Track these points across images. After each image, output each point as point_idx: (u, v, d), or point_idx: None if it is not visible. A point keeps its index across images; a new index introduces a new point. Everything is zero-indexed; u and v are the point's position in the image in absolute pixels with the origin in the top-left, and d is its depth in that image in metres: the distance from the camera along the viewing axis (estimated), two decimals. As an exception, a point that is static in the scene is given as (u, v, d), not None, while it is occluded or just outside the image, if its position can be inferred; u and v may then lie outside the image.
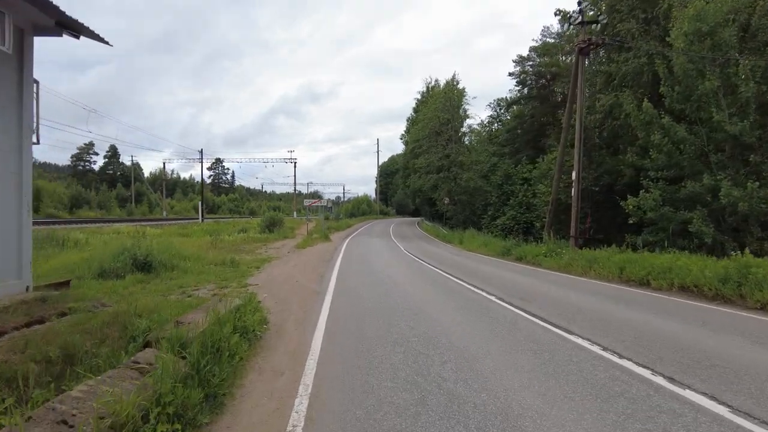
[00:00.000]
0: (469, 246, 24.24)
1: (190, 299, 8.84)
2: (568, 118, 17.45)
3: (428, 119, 35.58)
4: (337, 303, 7.88)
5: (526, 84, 42.15)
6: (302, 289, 9.60)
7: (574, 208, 15.78)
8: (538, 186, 19.99)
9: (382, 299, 8.18)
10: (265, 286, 10.14)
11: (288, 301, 8.11)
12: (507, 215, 30.54)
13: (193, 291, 9.95)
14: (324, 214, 41.89)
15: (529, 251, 16.89)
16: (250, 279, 11.52)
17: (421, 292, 9.31)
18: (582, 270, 12.79)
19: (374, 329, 5.88)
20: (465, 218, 36.05)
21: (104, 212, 70.50)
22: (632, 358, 4.79)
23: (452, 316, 6.84)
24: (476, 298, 8.55)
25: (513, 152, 38.69)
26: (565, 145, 17.78)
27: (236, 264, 15.14)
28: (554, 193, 18.29)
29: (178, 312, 5.70)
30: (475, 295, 9.01)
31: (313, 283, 10.65)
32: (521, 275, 12.58)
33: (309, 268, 13.74)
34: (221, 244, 24.03)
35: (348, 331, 5.83)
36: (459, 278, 11.45)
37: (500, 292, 9.16)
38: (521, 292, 9.36)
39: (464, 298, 8.62)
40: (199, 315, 4.94)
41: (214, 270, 13.78)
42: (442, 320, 6.52)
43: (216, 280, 11.59)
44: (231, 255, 18.85)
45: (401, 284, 10.30)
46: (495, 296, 8.74)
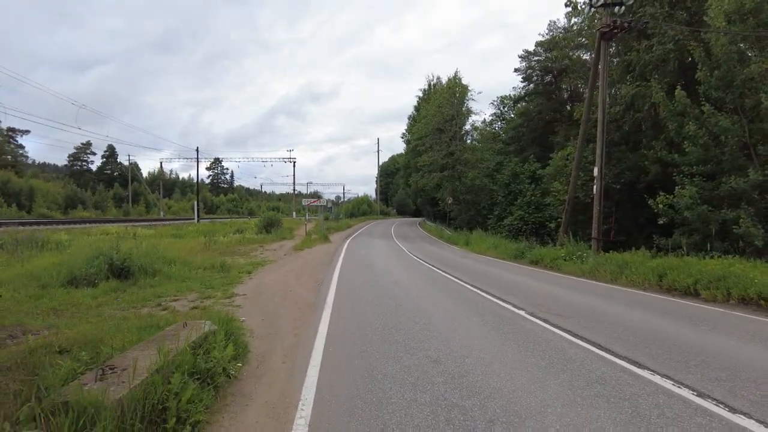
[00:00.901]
0: (476, 248, 22.87)
1: (164, 314, 7.52)
2: (588, 111, 16.08)
3: (431, 115, 34.19)
4: (338, 321, 6.51)
5: (531, 80, 40.83)
6: (296, 301, 8.24)
7: (597, 208, 14.42)
8: (553, 184, 18.65)
9: (391, 317, 6.81)
10: (253, 296, 8.78)
11: (278, 319, 6.74)
12: (515, 215, 29.17)
13: (171, 302, 8.64)
14: (324, 214, 40.59)
15: (546, 254, 15.52)
16: (239, 287, 10.16)
17: (437, 305, 7.95)
18: (611, 276, 11.43)
19: (386, 364, 4.51)
20: (469, 218, 34.68)
21: (100, 212, 69.30)
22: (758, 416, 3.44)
23: (483, 342, 5.47)
24: (505, 315, 7.18)
25: (518, 150, 37.35)
26: (584, 139, 16.42)
27: (227, 268, 13.79)
28: (571, 191, 16.92)
29: (130, 340, 4.35)
30: (501, 309, 7.64)
31: (310, 292, 9.29)
32: (545, 283, 11.21)
33: (306, 274, 12.38)
34: (215, 246, 22.75)
35: (352, 366, 4.44)
36: (475, 286, 10.09)
37: (529, 305, 7.80)
38: (553, 304, 8.00)
39: (490, 313, 7.25)
40: (151, 350, 3.60)
41: (201, 275, 12.47)
42: (472, 347, 5.16)
43: (200, 287, 10.27)
44: (223, 258, 17.49)
45: (411, 294, 8.93)
46: (525, 311, 7.37)
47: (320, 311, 7.20)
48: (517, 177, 31.63)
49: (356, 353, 4.83)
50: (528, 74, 39.57)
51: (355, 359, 4.65)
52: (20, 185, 60.95)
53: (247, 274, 12.85)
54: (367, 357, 4.71)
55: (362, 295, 8.77)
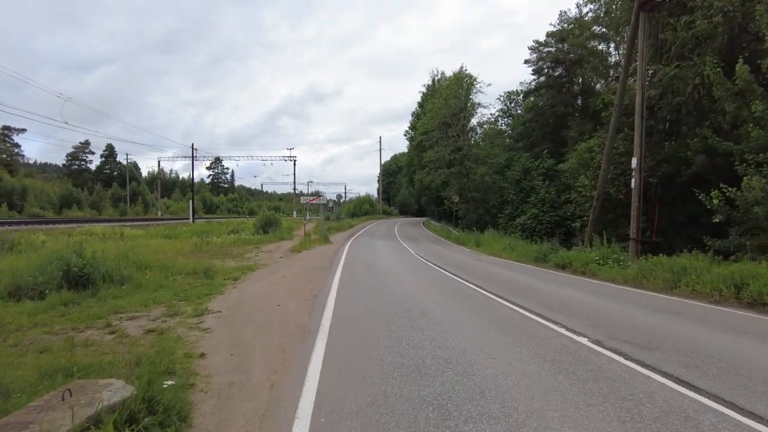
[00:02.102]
0: (490, 249, 20.98)
1: (110, 339, 5.79)
2: (621, 96, 14.19)
3: (438, 108, 32.27)
4: (336, 358, 4.67)
5: (542, 73, 38.92)
6: (283, 323, 6.38)
7: (635, 204, 12.54)
8: (579, 178, 16.77)
9: (410, 353, 4.96)
10: (229, 315, 6.93)
11: (252, 353, 4.88)
12: (528, 214, 27.23)
13: (128, 320, 6.86)
14: (324, 213, 38.85)
15: (575, 257, 13.63)
16: (216, 300, 8.33)
17: (468, 329, 6.09)
18: (664, 284, 9.54)
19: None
20: (478, 218, 32.75)
21: (95, 213, 67.80)
22: None
23: (554, 399, 3.62)
24: (564, 345, 5.29)
25: (528, 147, 35.42)
26: (616, 128, 14.54)
27: (211, 274, 11.99)
28: (601, 186, 15.04)
29: None
30: (554, 335, 5.75)
31: (302, 308, 7.43)
32: (587, 293, 9.32)
33: (300, 282, 10.53)
34: (207, 247, 21.01)
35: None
36: (509, 300, 8.22)
37: (588, 328, 5.93)
38: (617, 325, 6.13)
39: (542, 342, 5.37)
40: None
41: (179, 283, 10.69)
42: (545, 414, 3.32)
43: (172, 299, 8.49)
44: (212, 261, 15.71)
45: (431, 312, 7.06)
46: (587, 338, 5.49)
47: (312, 340, 5.34)
48: (529, 173, 29.70)
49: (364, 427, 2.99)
50: (539, 66, 37.64)
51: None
52: (12, 184, 59.37)
53: (232, 281, 11.04)
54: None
55: (367, 314, 6.91)
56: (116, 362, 4.38)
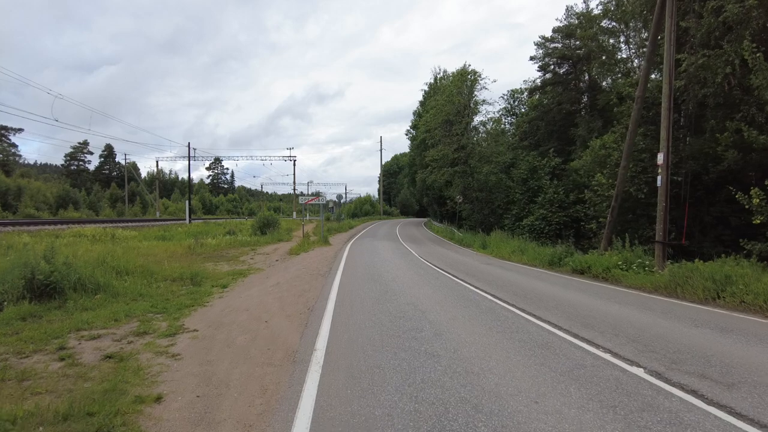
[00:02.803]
0: (498, 252, 19.90)
1: (56, 368, 4.80)
2: (643, 87, 13.10)
3: (441, 105, 31.17)
4: (332, 405, 3.60)
5: (547, 69, 37.79)
6: (269, 347, 5.31)
7: (662, 204, 11.45)
8: (596, 176, 15.67)
9: (427, 388, 3.89)
10: (208, 334, 5.86)
11: (224, 393, 3.81)
12: (536, 215, 26.14)
13: (88, 341, 5.87)
14: (325, 214, 37.84)
15: (594, 262, 12.54)
16: (197, 314, 7.27)
17: (490, 352, 5.01)
18: (704, 294, 8.46)
19: None
20: (483, 218, 31.67)
21: (92, 213, 66.88)
22: None
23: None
24: (617, 378, 4.21)
25: (534, 145, 34.29)
26: (637, 122, 13.45)
27: (199, 280, 10.97)
28: (620, 185, 13.95)
29: None
30: (598, 363, 4.66)
31: (294, 325, 6.36)
32: (617, 304, 8.23)
33: (294, 291, 9.46)
34: (201, 249, 20.01)
35: None
36: (530, 313, 7.14)
37: (640, 353, 4.85)
38: (672, 349, 5.05)
39: (587, 374, 4.28)
40: None
41: (161, 291, 9.68)
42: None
43: (148, 312, 7.48)
44: (204, 265, 14.70)
45: (445, 330, 5.98)
46: (644, 368, 4.40)
47: (302, 374, 4.26)
48: (536, 172, 28.61)
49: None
50: (545, 63, 36.51)
51: None
52: (7, 184, 58.36)
53: (220, 289, 10.00)
54: None
55: (370, 334, 5.83)
56: (39, 412, 3.32)
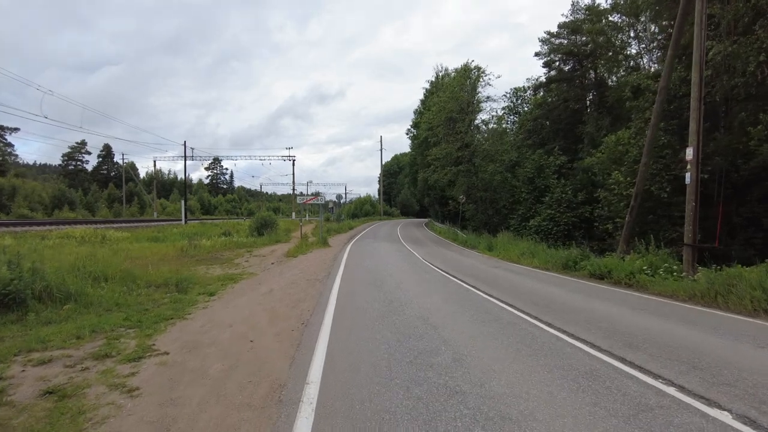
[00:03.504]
0: (505, 254, 18.90)
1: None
2: (668, 77, 12.12)
3: (444, 101, 30.18)
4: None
5: (553, 66, 36.81)
6: (250, 381, 4.31)
7: (692, 204, 10.47)
8: (613, 174, 14.68)
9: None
10: (178, 359, 4.88)
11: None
12: (543, 215, 25.16)
13: (36, 366, 4.98)
14: (324, 214, 36.87)
15: (614, 266, 11.55)
16: (172, 330, 6.29)
17: (525, 384, 4.03)
18: (752, 306, 7.49)
19: None
20: (487, 219, 30.67)
21: (88, 213, 65.92)
22: None
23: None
24: (704, 430, 3.26)
25: (538, 144, 33.28)
26: (660, 116, 12.47)
27: (185, 287, 9.99)
28: (640, 183, 12.97)
29: None
30: (677, 406, 3.69)
31: (284, 347, 5.36)
32: (656, 317, 7.24)
33: (288, 300, 8.48)
34: (194, 251, 19.04)
35: None
36: (559, 328, 6.16)
37: (708, 386, 3.86)
38: (741, 379, 4.10)
39: (658, 417, 3.32)
40: None
41: (141, 300, 8.72)
42: None
43: (118, 327, 6.52)
44: (195, 268, 13.74)
45: (466, 356, 4.99)
46: (731, 412, 3.44)
47: (291, 419, 3.28)
48: (543, 171, 27.64)
49: None
50: (550, 59, 35.52)
51: None
52: (1, 184, 57.31)
53: (207, 297, 9.03)
54: None
55: (376, 359, 4.83)
56: None
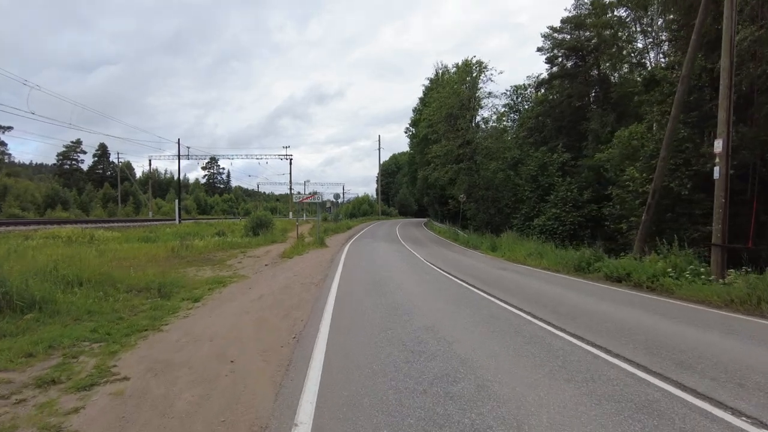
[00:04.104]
0: (511, 255, 18.05)
1: None
2: (690, 65, 11.27)
3: (445, 97, 29.30)
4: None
5: (555, 62, 35.95)
6: (223, 419, 3.41)
7: (721, 200, 9.61)
8: (628, 170, 13.78)
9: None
10: (139, 387, 3.98)
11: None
12: (548, 214, 24.30)
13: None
14: (322, 214, 35.96)
15: (635, 268, 10.68)
16: (142, 345, 5.40)
17: (573, 426, 3.16)
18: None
19: None
20: (489, 218, 29.80)
21: (82, 213, 64.88)
22: None
23: None
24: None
25: (540, 142, 32.41)
26: (681, 107, 11.63)
27: (169, 291, 9.12)
28: (658, 179, 12.12)
29: None
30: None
31: (269, 371, 4.46)
32: (698, 328, 6.37)
33: (280, 308, 7.58)
34: (186, 252, 18.15)
35: None
36: (592, 342, 5.29)
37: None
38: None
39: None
40: None
41: (118, 307, 7.83)
42: None
43: (81, 340, 5.65)
44: (184, 270, 12.86)
45: (491, 381, 4.12)
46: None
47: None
48: (546, 169, 26.78)
49: None
50: (553, 54, 34.65)
51: None
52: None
53: (190, 304, 8.15)
54: None
55: (382, 386, 3.95)
56: None
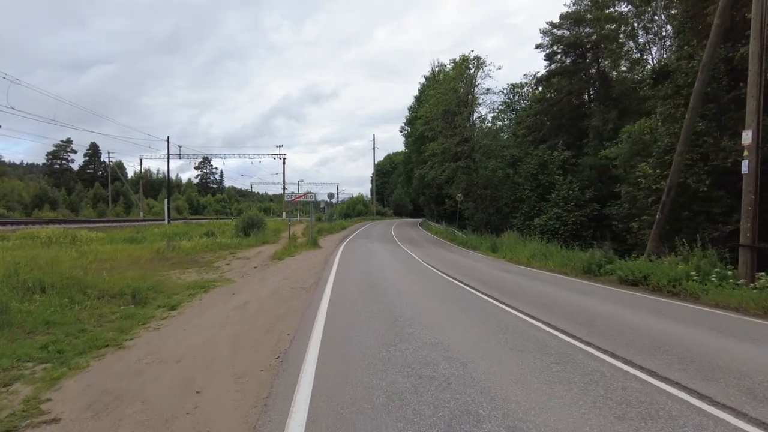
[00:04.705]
0: (513, 256, 17.21)
1: None
2: (712, 52, 10.47)
3: (442, 93, 28.46)
4: None
5: (554, 59, 35.24)
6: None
7: (750, 197, 8.81)
8: (640, 166, 12.92)
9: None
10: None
11: None
12: (549, 214, 23.53)
13: None
14: (316, 214, 34.98)
15: (652, 270, 9.86)
16: (92, 370, 4.45)
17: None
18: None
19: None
20: (487, 218, 29.00)
21: (71, 213, 63.50)
22: None
23: None
24: None
25: (538, 141, 31.65)
26: (701, 97, 10.85)
27: (145, 298, 8.19)
28: (674, 175, 11.33)
29: None
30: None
31: (245, 403, 3.54)
32: (749, 343, 5.54)
33: (265, 318, 6.65)
34: (172, 254, 17.16)
35: None
36: (638, 365, 4.44)
37: None
38: None
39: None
40: None
41: (85, 316, 6.88)
42: None
43: (25, 360, 4.67)
44: (167, 273, 11.91)
45: (527, 419, 3.26)
46: None
47: None
48: (547, 167, 26.02)
49: None
50: (552, 51, 33.93)
51: None
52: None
53: (165, 313, 7.23)
54: None
55: (385, 430, 3.06)
56: None
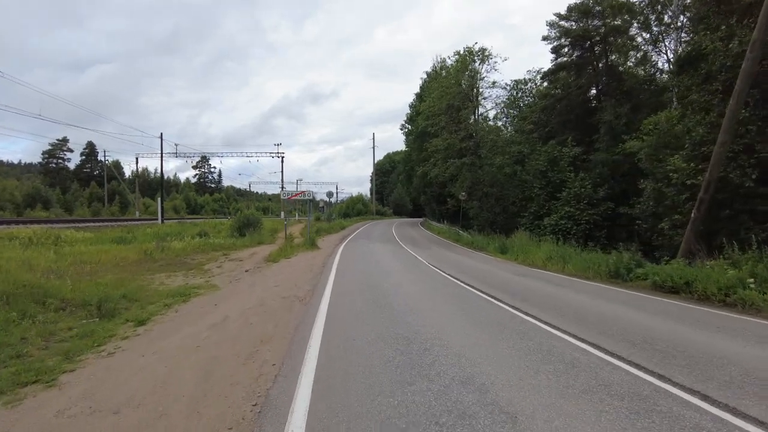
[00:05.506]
0: (526, 258, 15.95)
1: None
2: (766, 21, 9.25)
3: (446, 86, 27.19)
4: None
5: (560, 53, 34.01)
6: None
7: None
8: (672, 160, 11.67)
9: None
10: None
11: None
12: (560, 212, 22.27)
13: None
14: (314, 214, 33.76)
15: (695, 276, 8.64)
16: (29, 406, 3.19)
17: None
18: None
19: None
20: (493, 217, 27.73)
21: (65, 213, 62.23)
22: None
23: None
24: None
25: (544, 137, 30.41)
26: (750, 80, 9.62)
27: (113, 309, 6.96)
28: (714, 168, 10.10)
29: None
30: None
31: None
32: None
33: (246, 340, 5.39)
34: (161, 255, 15.98)
35: None
36: (723, 405, 3.23)
37: None
38: None
39: None
40: None
41: (32, 333, 5.63)
42: None
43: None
44: (151, 277, 10.72)
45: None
46: None
47: None
48: (557, 163, 24.77)
49: None
50: (559, 44, 32.67)
51: None
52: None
53: (131, 329, 6.05)
54: None
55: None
56: None
